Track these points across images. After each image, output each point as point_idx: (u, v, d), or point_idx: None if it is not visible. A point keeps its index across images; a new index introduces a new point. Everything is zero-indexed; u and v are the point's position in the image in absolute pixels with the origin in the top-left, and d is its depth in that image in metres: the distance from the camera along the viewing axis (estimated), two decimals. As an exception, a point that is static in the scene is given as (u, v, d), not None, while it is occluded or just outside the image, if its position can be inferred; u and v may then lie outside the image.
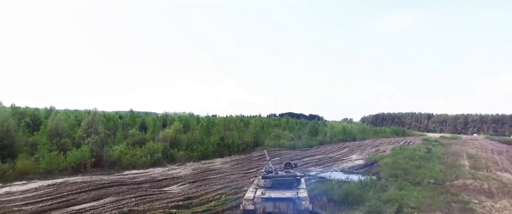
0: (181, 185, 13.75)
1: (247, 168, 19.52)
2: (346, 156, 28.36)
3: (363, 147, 36.23)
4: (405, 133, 79.79)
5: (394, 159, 23.43)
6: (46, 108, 32.75)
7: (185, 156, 20.37)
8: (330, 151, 31.44)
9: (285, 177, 9.74)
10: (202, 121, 26.41)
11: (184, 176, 15.80)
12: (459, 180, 15.75)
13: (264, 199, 8.42)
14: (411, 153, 27.75)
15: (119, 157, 16.64)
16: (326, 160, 24.94)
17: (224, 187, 13.37)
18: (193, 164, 19.95)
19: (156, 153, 18.67)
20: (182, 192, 12.31)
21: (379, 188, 12.84)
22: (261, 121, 46.10)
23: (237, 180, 15.22)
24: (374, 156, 27.53)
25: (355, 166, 22.68)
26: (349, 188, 11.98)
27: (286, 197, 8.45)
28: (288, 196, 8.50)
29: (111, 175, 15.15)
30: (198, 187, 13.14)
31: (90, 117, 20.11)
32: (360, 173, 19.95)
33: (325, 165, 22.43)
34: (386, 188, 13.32)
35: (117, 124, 27.89)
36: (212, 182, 14.33)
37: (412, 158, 24.71)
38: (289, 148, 30.71)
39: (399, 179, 15.98)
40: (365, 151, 31.75)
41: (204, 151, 21.69)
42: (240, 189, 13.21)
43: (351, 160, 25.43)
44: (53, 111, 26.70)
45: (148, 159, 17.95)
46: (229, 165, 20.42)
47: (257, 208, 8.32)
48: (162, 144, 20.70)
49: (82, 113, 32.41)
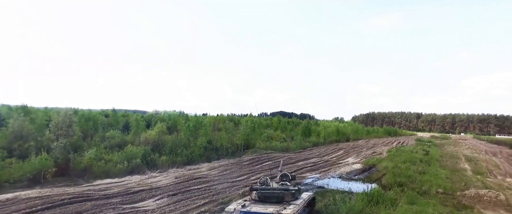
0: (159, 199, 11.72)
1: (236, 175, 17.61)
2: (342, 159, 26.83)
3: (358, 149, 34.88)
4: (397, 133, 79.58)
5: (394, 163, 21.97)
6: (10, 105, 29.67)
7: (168, 161, 18.28)
8: (324, 153, 29.88)
9: (273, 190, 8.86)
10: (190, 121, 24.20)
11: (164, 187, 13.75)
12: (470, 190, 14.30)
13: (242, 213, 7.95)
14: (409, 156, 26.46)
15: (89, 164, 14.40)
16: (321, 164, 23.30)
17: (209, 202, 11.43)
18: (176, 171, 17.88)
19: (135, 158, 16.49)
20: (157, 210, 10.31)
21: (389, 203, 11.16)
22: (252, 120, 44.35)
23: (225, 191, 13.29)
24: (371, 159, 26.09)
25: (353, 171, 21.11)
26: (357, 206, 10.23)
27: (266, 213, 7.80)
28: (269, 211, 7.84)
29: (78, 187, 12.96)
30: (178, 203, 11.13)
31: (60, 117, 17.70)
32: (360, 180, 18.41)
33: (321, 170, 20.76)
34: (396, 202, 11.66)
35: (96, 124, 25.47)
36: (195, 195, 12.35)
37: (412, 161, 23.37)
38: (281, 151, 28.96)
39: (406, 189, 14.40)
40: (361, 153, 30.34)
41: (190, 155, 19.63)
42: (227, 204, 11.31)
43: (348, 164, 23.87)
44: (16, 109, 23.83)
45: (125, 165, 15.78)
46: (216, 171, 18.45)
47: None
48: (143, 148, 18.53)
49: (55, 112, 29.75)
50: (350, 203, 10.55)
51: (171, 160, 18.52)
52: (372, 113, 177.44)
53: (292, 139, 36.78)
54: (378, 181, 17.37)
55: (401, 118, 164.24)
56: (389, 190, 14.67)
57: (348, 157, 28.25)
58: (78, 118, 29.31)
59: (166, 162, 18.04)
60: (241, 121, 43.18)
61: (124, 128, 26.54)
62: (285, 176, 10.06)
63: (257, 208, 8.25)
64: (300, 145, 33.12)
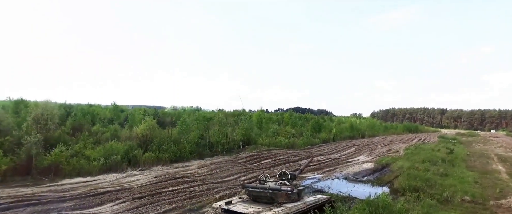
0: (120, 203, 9.96)
1: (225, 174, 15.67)
2: (353, 158, 24.21)
3: (372, 146, 31.90)
4: (418, 129, 74.54)
5: (410, 162, 19.14)
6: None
7: (153, 158, 16.62)
8: (334, 151, 27.31)
9: (261, 189, 8.21)
10: (184, 116, 22.44)
11: (137, 187, 12.03)
12: (508, 199, 11.48)
13: (224, 211, 7.65)
14: (429, 155, 23.36)
15: (55, 161, 12.92)
16: (328, 163, 20.87)
17: (175, 208, 9.53)
18: (161, 169, 16.19)
19: (114, 155, 14.93)
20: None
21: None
22: (259, 115, 42.24)
23: (203, 194, 11.37)
24: (385, 157, 23.28)
25: (362, 171, 18.58)
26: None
27: (243, 213, 7.27)
28: (248, 212, 7.29)
29: (38, 187, 11.48)
30: (138, 209, 9.32)
31: (39, 110, 16.50)
32: (369, 182, 15.91)
33: (325, 170, 18.38)
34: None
35: (86, 119, 24.32)
36: (164, 198, 10.51)
37: (432, 161, 20.37)
38: (286, 147, 26.69)
39: (422, 195, 11.84)
40: (374, 151, 27.47)
41: (178, 152, 17.88)
42: (197, 211, 9.39)
43: (358, 163, 21.28)
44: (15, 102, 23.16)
45: (101, 162, 14.23)
46: (206, 169, 16.60)
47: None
48: (128, 143, 16.99)
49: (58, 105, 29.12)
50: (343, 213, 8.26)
51: (156, 157, 16.83)
52: (392, 109, 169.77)
53: (301, 135, 34.35)
54: (390, 184, 14.83)
55: (424, 114, 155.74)
56: (402, 196, 12.23)
57: (359, 155, 25.55)
58: (77, 112, 28.65)
59: (151, 159, 16.37)
60: (251, 116, 41.43)
61: (125, 124, 25.36)
62: (284, 174, 9.18)
63: (239, 207, 7.70)
64: (308, 142, 30.67)
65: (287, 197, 8.03)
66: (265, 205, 7.90)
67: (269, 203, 7.99)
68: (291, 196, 8.10)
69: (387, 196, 9.82)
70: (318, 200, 9.18)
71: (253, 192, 8.35)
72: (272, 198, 8.00)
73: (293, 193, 8.17)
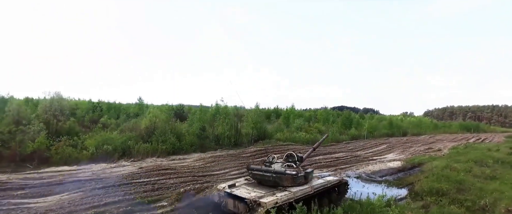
0: (75, 193, 9.25)
1: (220, 167, 14.39)
2: (380, 155, 20.96)
3: (410, 144, 27.63)
4: (479, 129, 64.06)
5: (448, 162, 15.55)
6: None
7: (150, 149, 16.09)
8: (360, 148, 24.13)
9: (265, 172, 7.77)
10: (193, 111, 21.62)
11: (111, 178, 11.34)
12: None
13: (226, 194, 7.44)
14: (481, 154, 18.94)
15: (37, 148, 13.00)
16: (346, 160, 18.26)
17: (125, 200, 8.48)
18: (155, 160, 15.53)
19: (105, 145, 14.71)
20: (45, 207, 7.82)
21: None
22: (287, 112, 40.21)
23: (171, 187, 10.20)
24: (420, 156, 19.59)
25: (384, 170, 15.63)
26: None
27: (243, 197, 6.92)
28: (247, 196, 6.91)
29: (15, 174, 11.39)
30: (85, 199, 8.48)
31: (47, 102, 17.21)
32: (386, 182, 13.12)
33: (339, 168, 15.93)
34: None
35: (110, 113, 25.23)
36: (125, 189, 9.59)
37: (482, 162, 16.32)
38: (305, 143, 24.39)
39: (445, 201, 9.04)
40: (409, 149, 23.54)
41: (177, 143, 17.11)
42: (139, 206, 8.19)
43: (383, 161, 18.17)
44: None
45: (90, 152, 14.07)
46: (202, 162, 15.49)
47: (221, 201, 7.52)
48: (128, 134, 16.78)
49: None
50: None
51: (153, 148, 16.29)
52: (449, 107, 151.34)
53: (326, 131, 31.49)
54: (411, 186, 11.94)
55: (492, 113, 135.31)
56: (421, 200, 9.59)
57: (389, 153, 22.07)
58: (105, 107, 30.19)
59: (146, 150, 15.86)
60: (282, 113, 39.73)
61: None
62: (291, 156, 8.65)
63: (242, 191, 7.36)
64: (334, 138, 27.77)
65: (293, 181, 7.56)
66: (269, 188, 7.52)
67: (274, 187, 7.58)
68: (296, 180, 7.63)
69: (382, 199, 7.51)
70: (328, 182, 8.45)
71: (257, 175, 7.97)
72: (276, 182, 7.59)
73: (298, 176, 7.68)
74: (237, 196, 7.11)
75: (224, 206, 7.46)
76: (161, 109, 22.83)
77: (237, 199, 7.13)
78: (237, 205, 7.12)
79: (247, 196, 6.94)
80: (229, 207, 7.35)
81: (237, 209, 7.13)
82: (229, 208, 7.35)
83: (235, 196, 7.17)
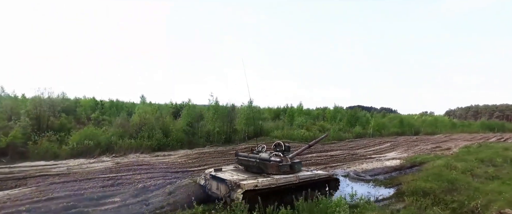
0: (25, 188, 8.89)
1: (202, 163, 13.89)
2: (381, 154, 19.67)
3: (418, 142, 25.89)
4: (505, 128, 59.65)
5: (449, 161, 14.15)
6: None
7: (134, 145, 15.84)
8: (362, 146, 22.85)
9: (249, 158, 8.04)
10: (196, 109, 20.99)
11: (79, 173, 11.06)
12: None
13: (211, 177, 7.76)
14: (493, 154, 17.20)
15: (11, 142, 12.96)
16: (341, 158, 17.21)
17: (72, 195, 8.07)
18: (138, 156, 15.22)
19: (86, 140, 14.56)
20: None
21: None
22: (292, 110, 39.22)
23: (131, 183, 9.73)
24: (424, 155, 18.12)
25: (377, 168, 14.49)
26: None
27: (225, 179, 7.10)
28: (229, 178, 7.08)
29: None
30: (33, 193, 8.16)
31: (37, 101, 17.35)
32: (375, 181, 12.05)
33: (329, 166, 14.95)
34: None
35: (111, 111, 25.33)
36: (81, 185, 9.21)
37: (491, 161, 14.76)
38: (304, 141, 23.43)
39: (427, 201, 7.99)
40: (415, 148, 21.96)
41: (162, 140, 16.76)
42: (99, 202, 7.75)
43: (381, 160, 16.95)
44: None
45: (70, 147, 13.95)
46: (185, 159, 15.01)
47: (206, 184, 7.91)
48: (112, 131, 16.63)
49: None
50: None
51: (138, 144, 16.02)
52: (474, 106, 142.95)
53: (327, 129, 30.23)
54: (400, 185, 10.82)
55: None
56: (407, 199, 8.62)
57: (392, 151, 20.68)
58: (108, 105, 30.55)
59: (129, 146, 15.61)
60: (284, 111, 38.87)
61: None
62: (279, 146, 8.82)
63: (226, 174, 7.59)
64: (336, 136, 26.58)
65: (278, 169, 7.59)
66: (254, 174, 7.63)
67: (259, 174, 7.67)
68: (281, 168, 7.63)
69: (343, 199, 6.67)
70: (316, 175, 8.30)
71: (243, 161, 8.23)
72: (261, 168, 7.69)
73: (283, 164, 7.69)
74: (220, 178, 7.34)
75: (208, 189, 7.77)
76: (153, 106, 22.63)
77: (220, 181, 7.33)
78: (219, 187, 7.29)
79: (230, 178, 7.12)
80: (212, 189, 7.57)
81: (219, 191, 7.29)
82: (212, 190, 7.56)
83: (219, 178, 7.40)
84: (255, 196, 6.36)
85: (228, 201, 6.72)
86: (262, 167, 7.67)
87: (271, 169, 7.59)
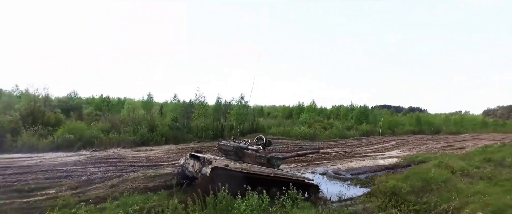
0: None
1: (175, 158, 13.44)
2: (381, 152, 18.14)
3: (430, 141, 23.63)
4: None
5: (443, 160, 12.50)
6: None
7: (116, 140, 15.88)
8: (364, 144, 21.27)
9: (227, 145, 8.27)
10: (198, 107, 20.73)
11: (47, 165, 11.11)
12: None
13: (190, 156, 8.34)
14: (509, 154, 15.02)
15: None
16: (331, 155, 16.06)
17: (6, 186, 7.95)
18: (118, 151, 15.16)
19: (68, 134, 14.79)
20: None
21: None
22: (299, 108, 38.02)
23: (86, 175, 9.51)
24: (427, 154, 16.37)
25: (367, 167, 13.21)
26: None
27: (199, 156, 7.53)
28: (202, 156, 7.37)
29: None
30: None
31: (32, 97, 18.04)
32: (353, 180, 10.87)
33: (313, 163, 13.98)
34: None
35: (115, 108, 25.97)
36: (36, 176, 9.15)
37: (498, 161, 12.80)
38: (301, 138, 22.35)
39: (391, 201, 6.87)
40: (422, 147, 19.98)
41: (145, 135, 16.66)
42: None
43: (375, 158, 15.54)
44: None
45: (49, 140, 14.24)
46: (164, 154, 14.69)
47: (185, 163, 8.42)
48: (98, 125, 16.85)
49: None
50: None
51: (121, 139, 16.05)
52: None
53: (350, 127, 28.67)
54: (375, 185, 9.60)
55: None
56: (372, 199, 7.61)
57: (395, 150, 18.96)
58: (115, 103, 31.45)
59: (111, 141, 15.67)
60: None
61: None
62: (260, 139, 8.88)
63: (207, 156, 7.69)
64: (339, 134, 25.08)
65: (254, 159, 7.72)
66: (231, 161, 7.65)
67: (236, 161, 7.71)
68: (258, 159, 7.75)
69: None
70: (293, 175, 8.26)
71: (222, 146, 8.47)
72: (239, 156, 7.79)
73: (260, 156, 7.81)
74: (197, 156, 7.78)
75: (185, 168, 8.19)
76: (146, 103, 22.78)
77: (195, 159, 7.76)
78: (194, 164, 7.66)
79: (205, 156, 7.32)
80: (189, 168, 7.96)
81: (194, 168, 7.62)
82: (189, 169, 7.93)
83: (195, 156, 7.87)
84: (224, 176, 6.42)
85: (198, 177, 6.94)
86: (240, 154, 7.77)
87: (248, 159, 7.72)
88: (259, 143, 8.71)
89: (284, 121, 29.67)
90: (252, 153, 7.78)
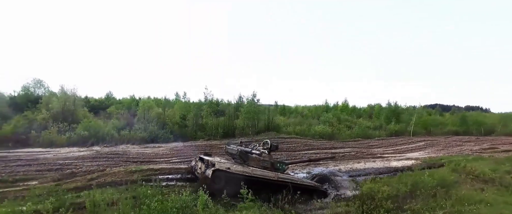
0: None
1: (173, 156, 13.68)
2: (400, 154, 16.30)
3: (468, 143, 20.55)
4: None
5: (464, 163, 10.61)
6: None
7: (127, 137, 16.70)
8: (385, 145, 19.36)
9: (232, 148, 8.59)
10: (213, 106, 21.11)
11: (53, 158, 12.02)
12: None
13: (199, 159, 8.59)
14: None
15: (11, 132, 14.92)
16: (340, 156, 14.87)
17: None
18: (127, 147, 15.91)
19: (83, 131, 15.94)
20: None
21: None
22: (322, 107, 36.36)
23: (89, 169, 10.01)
24: (455, 156, 14.21)
25: (372, 169, 11.97)
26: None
27: (205, 160, 7.94)
28: (211, 159, 7.81)
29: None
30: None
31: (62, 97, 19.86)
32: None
33: (319, 163, 12.98)
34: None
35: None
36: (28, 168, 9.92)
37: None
38: (319, 138, 21.19)
39: (366, 206, 5.95)
40: (455, 148, 17.42)
41: (156, 132, 17.23)
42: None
43: (388, 160, 14.02)
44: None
45: (67, 136, 15.47)
46: (167, 151, 14.98)
47: (194, 165, 8.71)
48: (114, 123, 17.92)
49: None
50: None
51: (131, 136, 16.82)
52: None
53: (380, 127, 26.64)
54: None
55: None
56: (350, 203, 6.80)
57: (419, 151, 16.89)
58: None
59: (122, 138, 16.52)
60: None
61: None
62: (266, 143, 8.81)
63: (212, 159, 8.10)
64: (362, 133, 23.28)
65: (258, 163, 7.87)
66: (237, 164, 7.96)
67: (241, 165, 7.97)
68: (262, 163, 7.89)
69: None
70: (298, 180, 8.23)
71: (229, 150, 8.70)
72: (243, 160, 8.00)
73: (263, 160, 7.93)
74: (204, 159, 8.06)
75: (195, 169, 8.52)
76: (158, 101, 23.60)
77: (202, 162, 8.04)
78: (201, 166, 7.94)
79: (211, 159, 7.71)
80: (197, 169, 8.23)
81: (201, 169, 7.86)
82: (197, 171, 8.20)
83: (203, 159, 8.11)
84: (225, 177, 6.74)
85: (201, 177, 7.24)
86: (244, 158, 7.94)
87: (252, 162, 7.87)
88: (265, 147, 8.74)
89: (309, 120, 28.53)
90: (256, 156, 7.96)
